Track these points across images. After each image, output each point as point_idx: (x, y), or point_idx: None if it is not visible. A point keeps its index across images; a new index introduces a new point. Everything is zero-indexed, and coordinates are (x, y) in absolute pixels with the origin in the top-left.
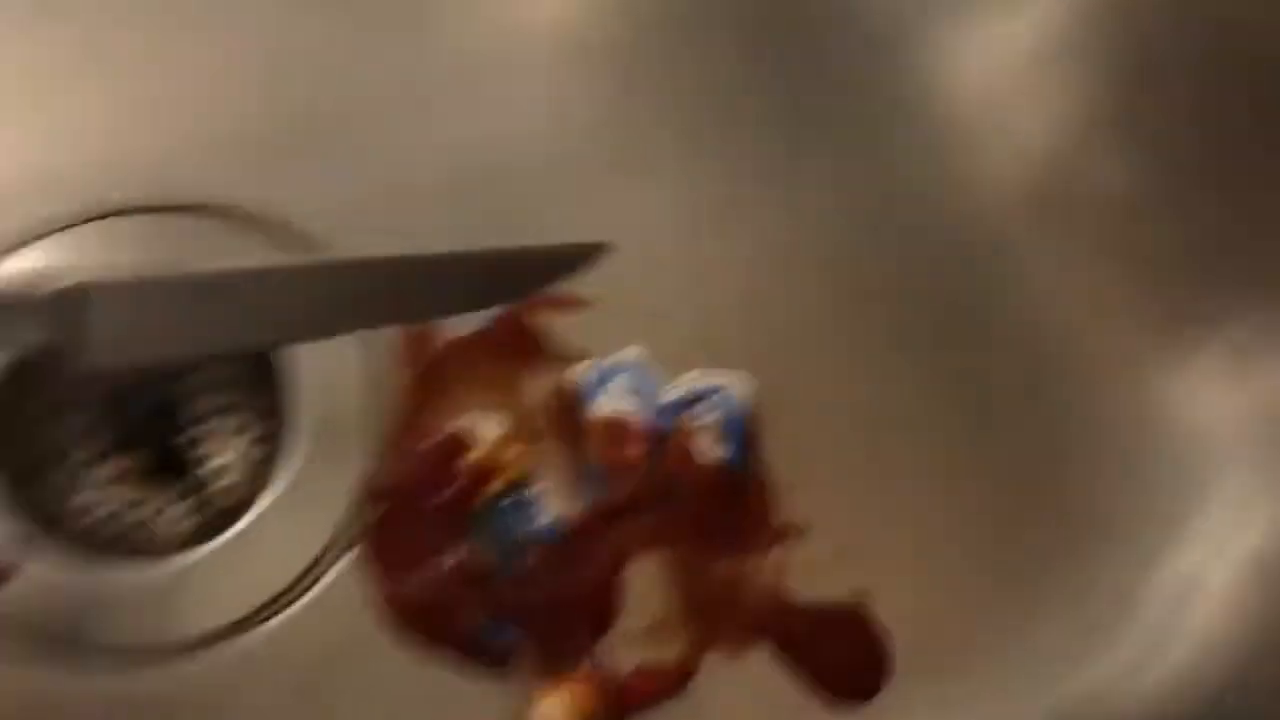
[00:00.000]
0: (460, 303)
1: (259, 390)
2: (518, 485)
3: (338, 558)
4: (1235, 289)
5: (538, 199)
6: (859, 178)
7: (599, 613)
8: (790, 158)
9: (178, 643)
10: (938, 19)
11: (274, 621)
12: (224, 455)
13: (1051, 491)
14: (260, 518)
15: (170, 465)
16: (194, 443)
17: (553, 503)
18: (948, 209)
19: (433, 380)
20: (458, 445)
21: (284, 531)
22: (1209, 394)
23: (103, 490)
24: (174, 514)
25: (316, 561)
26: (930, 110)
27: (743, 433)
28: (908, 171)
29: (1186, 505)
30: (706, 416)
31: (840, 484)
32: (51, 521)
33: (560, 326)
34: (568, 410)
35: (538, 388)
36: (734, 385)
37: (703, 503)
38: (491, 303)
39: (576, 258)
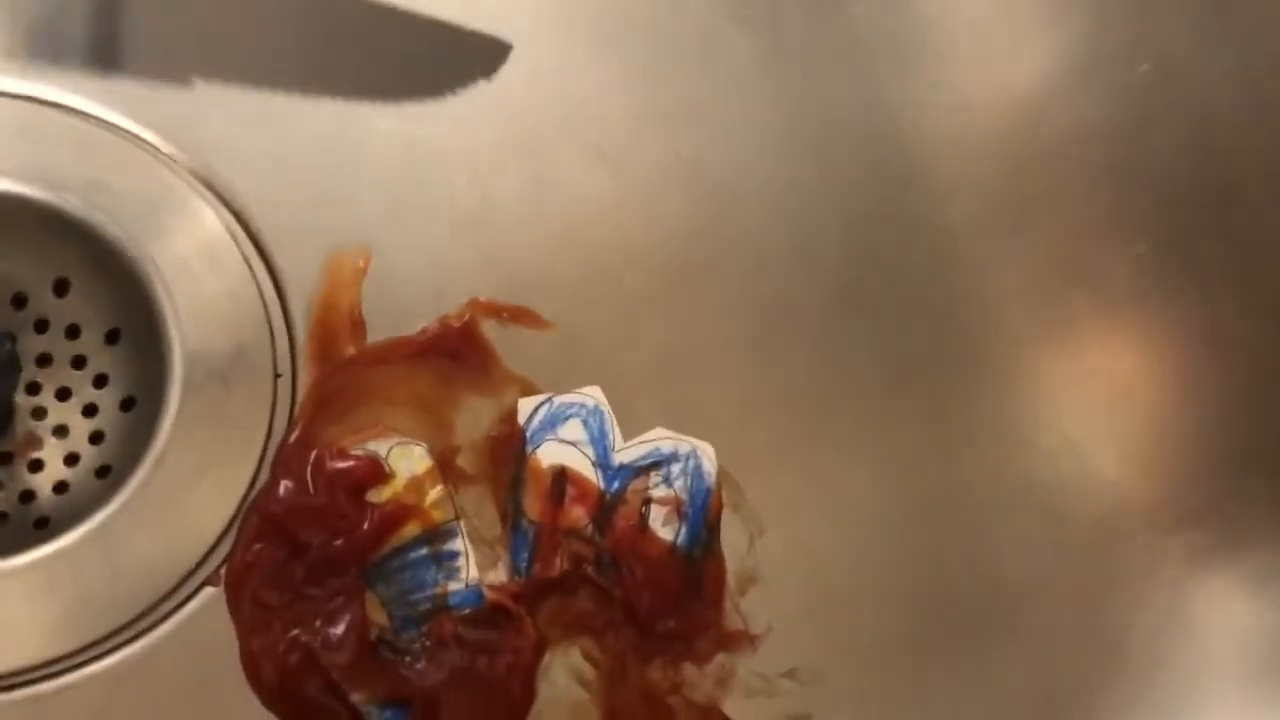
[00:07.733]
0: None
1: (131, 354)
2: (434, 536)
3: (197, 593)
4: None
5: None
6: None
7: (507, 707)
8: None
9: None
10: None
11: (105, 661)
12: (63, 438)
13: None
14: (100, 527)
15: None
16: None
17: (472, 564)
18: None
19: (348, 387)
20: (369, 474)
21: (129, 547)
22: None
23: None
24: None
25: (169, 595)
26: None
27: (704, 513)
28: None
29: None
30: (666, 487)
31: (805, 586)
32: None
33: (512, 347)
34: (507, 451)
35: (476, 417)
36: (702, 455)
37: (645, 591)
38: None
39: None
